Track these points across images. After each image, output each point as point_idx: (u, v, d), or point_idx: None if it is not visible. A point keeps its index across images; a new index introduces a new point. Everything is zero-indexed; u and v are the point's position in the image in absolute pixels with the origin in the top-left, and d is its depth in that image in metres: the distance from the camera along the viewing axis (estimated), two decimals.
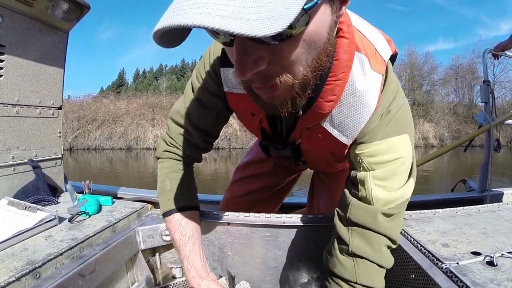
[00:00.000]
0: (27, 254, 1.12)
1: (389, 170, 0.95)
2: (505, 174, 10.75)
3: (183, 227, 1.22)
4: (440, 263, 1.03)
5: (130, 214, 1.54)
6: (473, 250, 1.08)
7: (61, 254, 1.14)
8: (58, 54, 1.99)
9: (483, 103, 3.34)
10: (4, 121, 1.71)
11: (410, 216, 1.45)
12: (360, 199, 0.99)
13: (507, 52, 3.37)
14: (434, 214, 1.47)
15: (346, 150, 1.06)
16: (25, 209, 1.43)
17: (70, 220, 1.41)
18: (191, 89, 1.24)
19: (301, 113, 0.98)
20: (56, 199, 1.74)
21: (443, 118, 32.19)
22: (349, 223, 1.01)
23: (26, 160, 1.82)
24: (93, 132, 29.57)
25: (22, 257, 1.09)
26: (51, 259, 1.10)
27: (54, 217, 1.38)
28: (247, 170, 1.99)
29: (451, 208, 1.51)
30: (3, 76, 1.68)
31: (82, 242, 1.24)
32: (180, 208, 1.25)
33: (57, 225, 1.38)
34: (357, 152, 0.99)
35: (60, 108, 2.05)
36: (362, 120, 0.96)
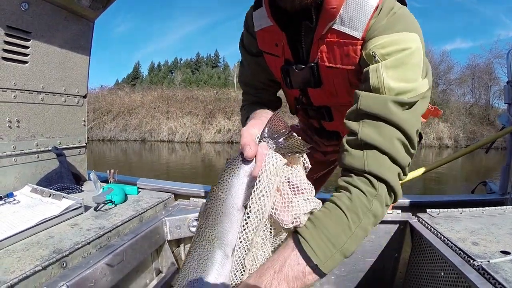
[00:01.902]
0: (53, 242, 1.10)
1: (399, 59, 0.98)
2: None
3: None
4: (472, 261, 1.03)
5: (157, 204, 1.53)
6: (502, 249, 1.09)
7: (89, 243, 1.13)
8: (83, 43, 1.98)
9: (507, 104, 3.26)
10: (29, 108, 1.70)
11: (438, 214, 1.44)
12: (371, 90, 0.99)
13: None
14: (461, 213, 1.46)
15: (359, 52, 1.07)
16: (49, 196, 1.42)
17: (96, 209, 1.40)
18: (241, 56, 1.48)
19: (314, 21, 1.10)
20: (80, 188, 1.74)
21: (458, 118, 31.68)
22: (359, 116, 0.99)
23: (50, 148, 1.81)
24: (108, 124, 29.92)
25: (48, 245, 1.08)
26: (79, 248, 1.09)
27: (80, 205, 1.36)
28: None
29: (477, 208, 1.51)
30: (28, 63, 1.67)
31: (110, 231, 1.22)
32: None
33: (82, 213, 1.37)
34: (370, 47, 1.02)
35: (85, 97, 2.04)
36: (368, 13, 1.03)
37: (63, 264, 1.02)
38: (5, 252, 1.03)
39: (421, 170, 3.10)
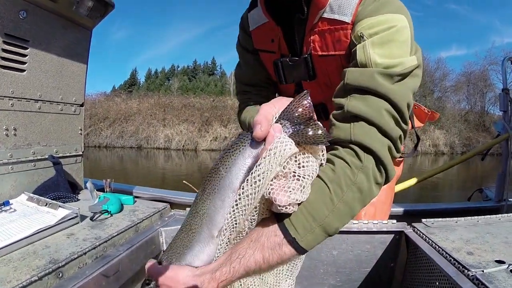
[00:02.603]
0: (49, 252, 1.10)
1: (385, 36, 1.00)
2: None
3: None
4: (466, 271, 1.04)
5: (153, 214, 1.52)
6: (497, 259, 1.09)
7: (85, 253, 1.12)
8: (81, 51, 1.98)
9: (502, 112, 3.29)
10: (26, 116, 1.70)
11: (433, 223, 1.45)
12: (358, 66, 1.00)
13: None
14: (456, 222, 1.47)
15: (350, 36, 1.12)
16: (46, 205, 1.42)
17: (92, 219, 1.40)
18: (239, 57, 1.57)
19: (305, 11, 1.16)
20: (76, 197, 1.73)
21: (454, 125, 31.84)
22: (346, 91, 0.98)
23: (46, 156, 1.81)
24: (105, 130, 29.84)
25: (44, 255, 1.08)
26: (75, 258, 1.08)
27: (76, 215, 1.36)
28: None
29: (472, 217, 1.51)
30: (26, 71, 1.67)
31: (106, 241, 1.22)
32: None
33: (79, 223, 1.36)
34: (358, 29, 1.06)
35: (82, 105, 2.04)
36: None
37: (59, 274, 1.02)
38: (1, 261, 1.03)
39: (414, 180, 3.13)
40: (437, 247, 1.23)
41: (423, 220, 1.47)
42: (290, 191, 0.75)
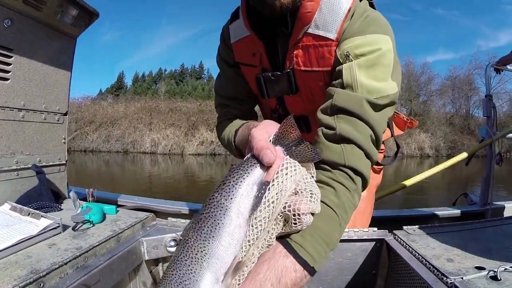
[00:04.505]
0: (31, 262, 1.11)
1: (371, 59, 1.04)
2: (501, 183, 10.77)
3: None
4: (445, 278, 1.04)
5: (135, 224, 1.53)
6: (477, 265, 1.10)
7: (66, 263, 1.13)
8: (65, 60, 1.99)
9: (485, 117, 3.37)
10: (9, 125, 1.70)
11: (414, 231, 1.46)
12: (344, 87, 1.04)
13: (508, 67, 3.41)
14: (437, 228, 1.48)
15: (334, 53, 1.13)
16: (28, 215, 1.42)
17: (74, 229, 1.41)
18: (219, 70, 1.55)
19: (289, 28, 1.18)
20: (59, 206, 1.74)
21: (439, 128, 32.25)
22: (334, 111, 1.03)
23: (30, 165, 1.81)
24: (91, 134, 29.50)
25: (26, 265, 1.09)
26: (56, 268, 1.09)
27: (58, 225, 1.37)
28: None
29: (454, 223, 1.53)
30: (10, 80, 1.67)
31: (87, 251, 1.23)
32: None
33: (61, 233, 1.37)
34: (344, 47, 1.09)
35: (65, 114, 2.04)
36: (341, 16, 1.11)
37: (40, 284, 1.03)
38: None
39: (399, 185, 3.16)
40: (417, 254, 1.23)
41: (404, 227, 1.49)
42: (308, 201, 0.77)
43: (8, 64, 1.66)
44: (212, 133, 28.63)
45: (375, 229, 1.50)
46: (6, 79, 1.66)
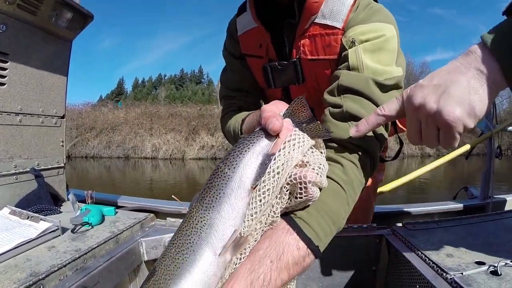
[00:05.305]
0: (30, 265, 1.11)
1: (376, 43, 1.08)
2: (502, 181, 10.76)
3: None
4: (444, 274, 1.03)
5: (134, 225, 1.53)
6: (477, 260, 1.08)
7: (65, 265, 1.13)
8: (61, 63, 1.99)
9: None
10: (7, 130, 1.70)
11: (414, 226, 1.44)
12: (350, 70, 1.07)
13: None
14: (437, 224, 1.46)
15: (340, 41, 1.16)
16: (27, 218, 1.42)
17: (73, 231, 1.40)
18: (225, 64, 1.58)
19: (296, 18, 1.21)
20: (58, 209, 1.73)
21: None
22: (340, 91, 1.05)
23: (28, 169, 1.80)
24: (91, 140, 29.56)
25: (25, 268, 1.08)
26: (55, 271, 1.08)
27: (57, 227, 1.36)
28: None
29: (454, 218, 1.51)
30: (6, 85, 1.67)
31: (86, 253, 1.22)
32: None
33: (60, 235, 1.36)
34: (350, 35, 1.12)
35: (63, 117, 2.04)
36: (347, 6, 1.15)
37: (40, 286, 1.02)
38: None
39: (401, 180, 3.15)
40: (416, 250, 1.22)
41: (404, 223, 1.48)
42: (316, 172, 0.74)
43: (4, 69, 1.66)
44: (212, 137, 28.68)
45: (375, 225, 1.50)
46: (2, 84, 1.66)
